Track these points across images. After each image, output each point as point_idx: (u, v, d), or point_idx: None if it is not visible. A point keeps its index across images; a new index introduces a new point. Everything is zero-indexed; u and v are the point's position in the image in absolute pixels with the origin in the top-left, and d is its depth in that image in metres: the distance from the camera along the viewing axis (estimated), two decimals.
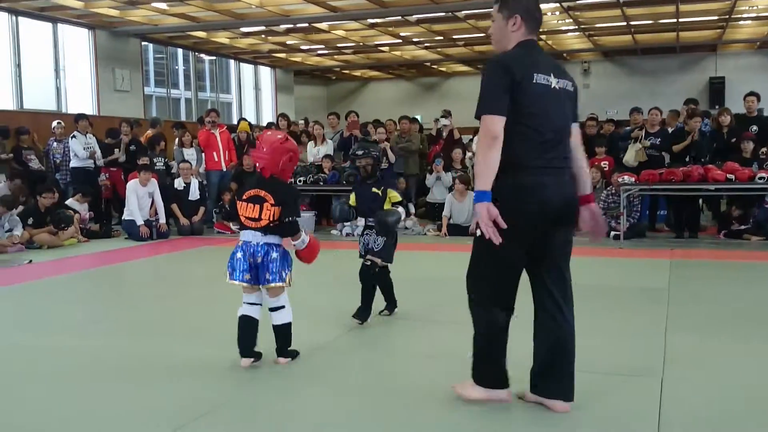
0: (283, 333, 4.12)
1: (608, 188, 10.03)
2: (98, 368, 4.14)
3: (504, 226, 2.98)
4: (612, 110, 17.47)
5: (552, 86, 3.16)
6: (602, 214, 3.67)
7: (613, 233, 9.55)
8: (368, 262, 5.06)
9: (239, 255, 4.00)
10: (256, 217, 3.96)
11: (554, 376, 3.29)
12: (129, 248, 9.64)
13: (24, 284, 7.15)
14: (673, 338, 4.56)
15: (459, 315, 3.87)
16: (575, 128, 3.33)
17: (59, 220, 9.66)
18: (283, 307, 4.09)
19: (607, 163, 10.69)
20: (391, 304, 5.32)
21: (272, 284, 3.97)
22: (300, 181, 10.80)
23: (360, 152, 5.22)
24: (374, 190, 5.12)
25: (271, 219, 3.96)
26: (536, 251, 3.21)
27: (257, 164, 4.14)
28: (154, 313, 5.68)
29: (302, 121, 14.38)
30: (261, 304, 4.11)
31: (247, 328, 4.03)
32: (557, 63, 3.39)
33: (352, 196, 5.29)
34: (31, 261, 8.37)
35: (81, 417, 3.37)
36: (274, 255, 3.98)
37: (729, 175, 8.82)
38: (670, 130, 10.66)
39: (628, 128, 11.23)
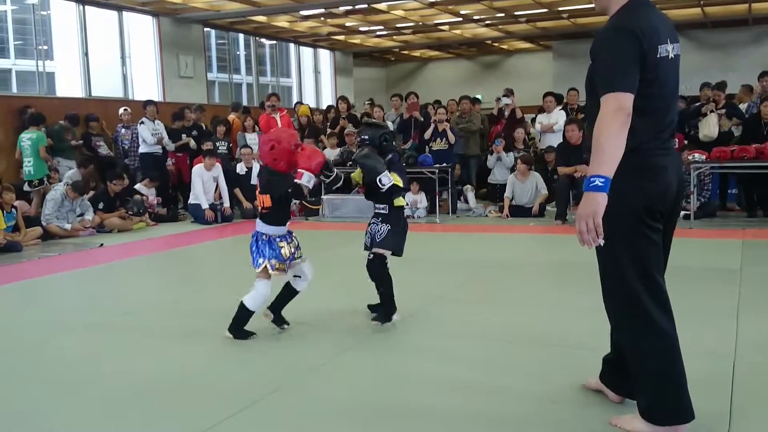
0: (238, 309, 4.33)
1: None
2: (173, 344, 4.25)
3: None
4: (681, 86, 16.91)
5: (670, 56, 2.74)
6: None
7: (683, 213, 9.27)
8: (370, 255, 4.55)
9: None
10: (259, 206, 4.42)
11: (627, 372, 2.99)
12: (195, 231, 9.85)
13: (96, 267, 7.38)
14: (745, 320, 4.42)
15: (520, 297, 3.82)
16: None
17: (135, 207, 9.97)
18: (252, 291, 4.32)
19: (676, 140, 10.37)
20: (385, 309, 4.53)
21: (256, 268, 4.30)
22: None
23: (360, 138, 4.69)
24: None
25: (263, 206, 4.31)
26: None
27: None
28: (222, 293, 5.78)
29: (368, 103, 14.33)
30: (300, 276, 4.45)
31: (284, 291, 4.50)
32: (670, 22, 2.86)
33: (359, 171, 4.71)
34: (102, 244, 8.64)
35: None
36: (259, 243, 4.30)
37: None
38: (742, 106, 10.25)
39: (697, 104, 10.86)
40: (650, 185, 2.71)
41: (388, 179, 4.44)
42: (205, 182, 10.47)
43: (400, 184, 4.56)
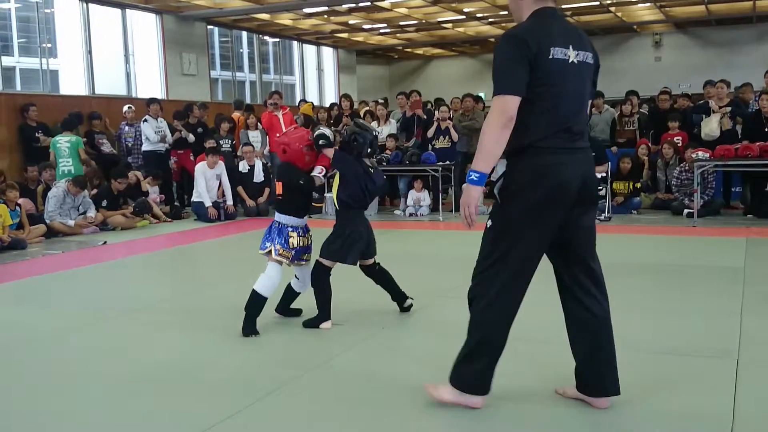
0: (249, 298, 4.39)
1: (681, 164, 9.73)
2: (175, 341, 4.26)
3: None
4: (685, 83, 16.90)
5: (570, 60, 2.88)
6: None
7: (686, 211, 9.27)
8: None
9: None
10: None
11: (596, 373, 3.07)
12: (198, 229, 9.85)
13: (100, 264, 7.39)
14: (749, 319, 4.41)
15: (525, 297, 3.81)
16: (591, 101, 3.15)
17: (140, 210, 10.02)
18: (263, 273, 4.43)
19: (680, 138, 10.35)
20: (316, 317, 4.48)
21: (260, 251, 4.49)
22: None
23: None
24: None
25: (278, 193, 4.56)
26: (559, 240, 2.98)
27: None
28: (225, 290, 5.79)
29: (381, 101, 14.15)
30: (299, 278, 4.64)
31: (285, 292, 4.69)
32: (579, 32, 3.02)
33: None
34: (105, 242, 8.65)
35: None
36: (272, 229, 4.47)
37: None
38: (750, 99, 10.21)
39: (701, 102, 10.83)
40: (544, 180, 2.84)
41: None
42: (208, 180, 10.48)
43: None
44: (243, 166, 11.08)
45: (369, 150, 4.46)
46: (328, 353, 4.00)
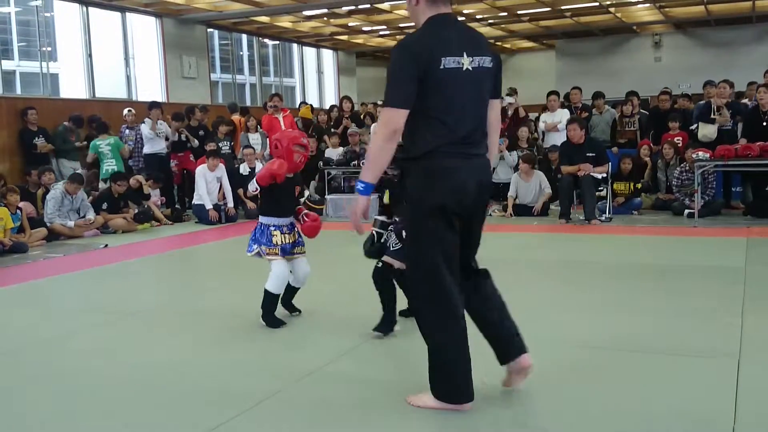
0: (263, 297, 4.55)
1: (682, 165, 9.72)
2: (175, 348, 4.26)
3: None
4: (685, 84, 16.90)
5: (464, 68, 2.91)
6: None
7: (687, 211, 9.26)
8: (380, 264, 4.33)
9: None
10: None
11: (510, 337, 3.20)
12: (199, 232, 9.86)
13: (101, 267, 7.39)
14: (750, 319, 4.40)
15: (522, 295, 3.82)
16: (496, 104, 3.17)
17: (141, 218, 10.02)
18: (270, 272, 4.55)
19: (680, 138, 10.35)
20: (386, 320, 4.31)
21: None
22: (363, 163, 10.78)
23: None
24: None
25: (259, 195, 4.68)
26: (462, 240, 3.06)
27: None
28: (225, 293, 5.78)
29: (381, 103, 14.24)
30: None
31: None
32: (474, 36, 3.06)
33: (387, 194, 4.65)
34: (106, 245, 8.65)
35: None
36: (256, 230, 4.62)
37: None
38: (747, 102, 10.21)
39: (701, 102, 10.83)
40: (441, 185, 2.91)
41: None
42: (208, 182, 10.48)
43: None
44: (244, 169, 11.08)
45: None
46: (323, 358, 3.98)
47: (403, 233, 3.73)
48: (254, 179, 4.53)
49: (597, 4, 16.02)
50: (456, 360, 3.01)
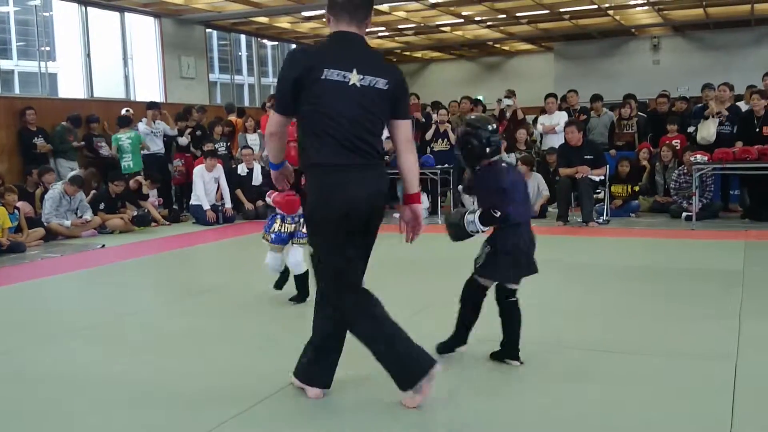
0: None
1: (680, 168, 9.73)
2: (169, 349, 4.25)
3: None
4: (683, 87, 16.91)
5: (350, 83, 3.02)
6: (423, 217, 3.38)
7: (685, 214, 9.27)
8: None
9: None
10: None
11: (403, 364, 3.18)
12: (196, 233, 9.84)
13: (98, 268, 7.38)
14: (747, 322, 4.41)
15: (522, 299, 3.82)
16: (401, 125, 3.20)
17: (139, 222, 10.00)
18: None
19: (678, 141, 10.36)
20: (510, 349, 3.72)
21: None
22: None
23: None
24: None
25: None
26: (358, 252, 3.20)
27: None
28: (222, 294, 5.78)
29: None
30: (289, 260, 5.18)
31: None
32: (373, 58, 3.18)
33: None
34: (103, 245, 8.64)
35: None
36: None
37: None
38: (741, 105, 10.22)
39: (699, 105, 10.85)
40: (329, 198, 3.04)
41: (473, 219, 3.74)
42: (206, 183, 10.47)
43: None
44: (242, 169, 11.07)
45: (488, 150, 3.68)
46: None
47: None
48: (270, 198, 5.05)
49: (595, 6, 16.03)
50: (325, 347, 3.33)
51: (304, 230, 4.77)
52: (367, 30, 3.12)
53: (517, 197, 3.63)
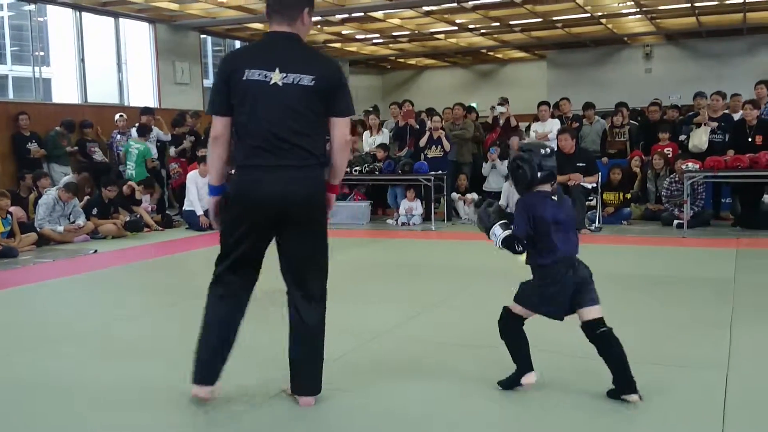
0: None
1: (672, 175, 9.78)
2: (160, 353, 4.24)
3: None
4: (675, 95, 16.99)
5: (271, 82, 3.05)
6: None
7: (676, 222, 9.31)
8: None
9: None
10: None
11: (301, 373, 3.30)
12: (189, 238, 9.83)
13: (90, 273, 7.36)
14: (739, 330, 4.43)
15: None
16: (336, 123, 3.17)
17: (132, 228, 9.98)
18: None
19: (670, 149, 10.41)
20: (621, 383, 3.32)
21: None
22: (356, 170, 10.83)
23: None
24: None
25: None
26: (280, 250, 3.24)
27: None
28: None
29: (371, 109, 14.04)
30: None
31: None
32: (301, 55, 3.15)
33: None
34: (96, 251, 8.63)
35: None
36: None
37: None
38: (735, 116, 10.28)
39: (690, 113, 10.90)
40: (244, 197, 3.11)
41: (497, 234, 3.50)
42: (199, 188, 10.44)
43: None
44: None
45: (539, 175, 3.38)
46: None
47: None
48: None
49: (588, 15, 16.11)
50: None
51: None
52: (361, 37, 3.15)
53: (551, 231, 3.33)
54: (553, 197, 3.38)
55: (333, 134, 3.20)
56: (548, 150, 3.42)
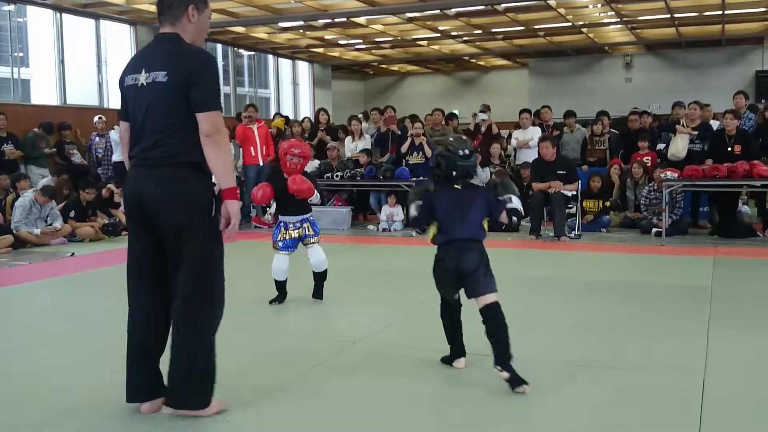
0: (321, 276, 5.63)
1: (650, 184, 9.86)
2: None
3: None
4: (655, 104, 17.17)
5: (140, 83, 3.11)
6: (226, 217, 3.16)
7: (655, 230, 9.38)
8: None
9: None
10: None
11: (174, 385, 3.16)
12: None
13: (67, 276, 7.28)
14: (715, 337, 4.46)
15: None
16: (199, 118, 3.03)
17: (110, 231, 9.86)
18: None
19: (650, 158, 10.50)
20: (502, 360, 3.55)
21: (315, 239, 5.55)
22: (337, 176, 10.81)
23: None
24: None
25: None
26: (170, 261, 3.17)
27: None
28: None
29: (360, 115, 13.99)
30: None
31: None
32: (166, 52, 3.10)
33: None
34: (73, 254, 8.54)
35: None
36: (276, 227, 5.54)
37: None
38: (714, 122, 10.38)
39: (670, 122, 11.00)
40: (124, 193, 3.30)
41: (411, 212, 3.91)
42: None
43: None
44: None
45: (453, 174, 3.76)
46: (295, 371, 3.96)
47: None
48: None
49: (570, 24, 16.25)
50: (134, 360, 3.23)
51: (311, 231, 5.49)
52: (343, 42, 3.13)
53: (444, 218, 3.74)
54: (456, 186, 3.76)
55: (199, 131, 3.04)
56: (467, 152, 3.78)
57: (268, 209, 10.33)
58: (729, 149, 9.28)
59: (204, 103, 3.04)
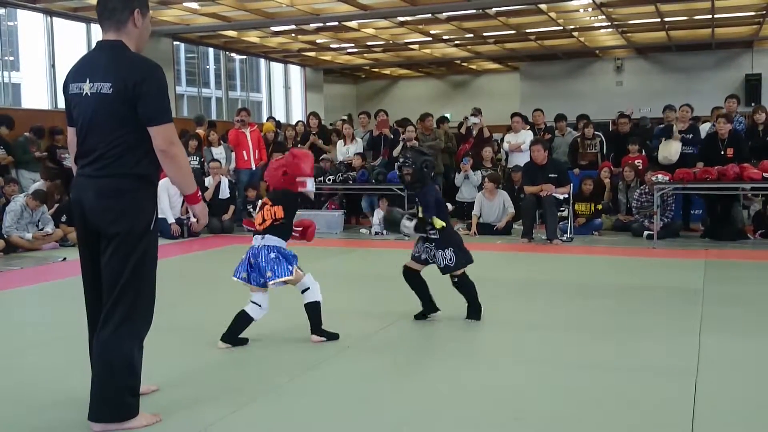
0: (311, 311, 4.49)
1: (642, 187, 9.90)
2: None
3: None
4: (645, 108, 17.23)
5: (84, 93, 3.07)
6: (200, 219, 3.56)
7: (646, 233, 9.42)
8: (455, 279, 4.98)
9: (243, 256, 4.47)
10: (260, 221, 4.41)
11: (93, 395, 3.15)
12: (160, 246, 9.68)
13: (58, 281, 7.25)
14: (707, 339, 4.49)
15: (487, 315, 3.85)
16: (152, 131, 3.01)
17: None
18: (308, 288, 4.46)
19: (641, 161, 10.54)
20: (476, 308, 5.01)
21: (276, 280, 4.30)
22: (329, 179, 10.81)
23: (401, 160, 5.13)
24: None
25: (273, 218, 4.34)
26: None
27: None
28: (183, 309, 5.72)
29: (344, 119, 14.01)
30: (261, 306, 4.39)
31: (237, 319, 4.41)
32: (111, 63, 3.05)
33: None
34: (65, 258, 8.50)
35: None
36: (272, 255, 4.32)
37: (765, 174, 8.62)
38: (706, 125, 10.43)
39: (661, 126, 11.05)
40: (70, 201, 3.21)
41: (408, 225, 4.88)
42: (171, 196, 10.36)
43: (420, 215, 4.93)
44: (208, 182, 11.00)
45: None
46: (290, 375, 3.96)
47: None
48: (309, 180, 4.45)
49: (561, 28, 16.30)
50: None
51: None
52: (335, 46, 3.11)
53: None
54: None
55: (155, 144, 3.03)
56: (430, 159, 5.11)
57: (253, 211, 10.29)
58: (722, 152, 9.33)
59: (154, 117, 3.01)
